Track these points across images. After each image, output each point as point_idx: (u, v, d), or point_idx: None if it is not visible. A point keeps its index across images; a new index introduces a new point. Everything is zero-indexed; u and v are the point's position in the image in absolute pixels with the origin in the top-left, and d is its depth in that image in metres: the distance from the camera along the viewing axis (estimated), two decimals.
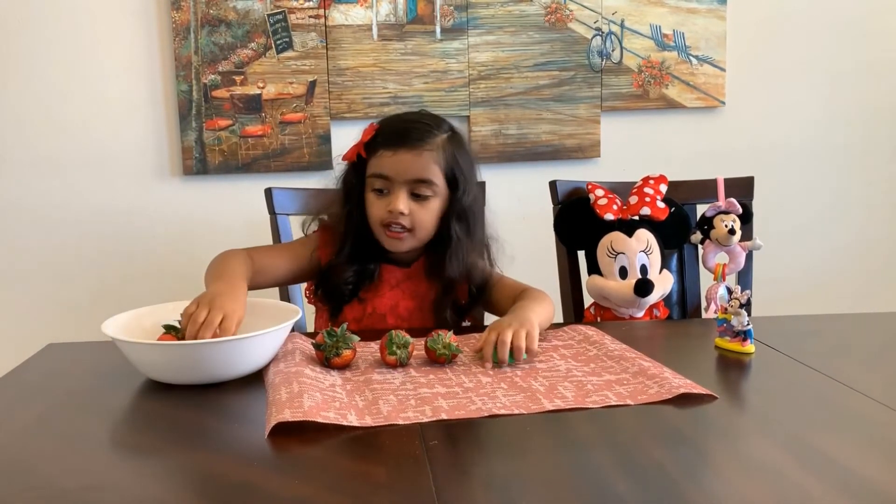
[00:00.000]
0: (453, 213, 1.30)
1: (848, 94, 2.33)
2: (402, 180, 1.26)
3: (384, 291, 1.33)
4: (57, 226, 2.07)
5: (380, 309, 1.32)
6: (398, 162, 1.25)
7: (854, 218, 2.37)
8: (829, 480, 0.71)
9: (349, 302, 1.32)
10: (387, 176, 1.26)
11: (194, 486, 0.74)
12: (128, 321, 1.09)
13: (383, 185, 1.27)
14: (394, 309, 1.33)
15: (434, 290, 1.34)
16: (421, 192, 1.27)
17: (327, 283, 1.32)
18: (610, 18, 2.19)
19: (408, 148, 1.26)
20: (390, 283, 1.33)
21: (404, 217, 1.26)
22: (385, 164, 1.26)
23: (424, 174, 1.26)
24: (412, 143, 1.26)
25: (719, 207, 1.56)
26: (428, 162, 1.26)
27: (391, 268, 1.34)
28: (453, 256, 1.30)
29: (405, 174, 1.26)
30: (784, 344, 1.15)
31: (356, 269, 1.31)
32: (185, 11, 2.02)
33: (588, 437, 0.83)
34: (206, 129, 2.06)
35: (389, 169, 1.26)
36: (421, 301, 1.34)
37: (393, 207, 1.25)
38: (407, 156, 1.25)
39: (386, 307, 1.32)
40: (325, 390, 0.95)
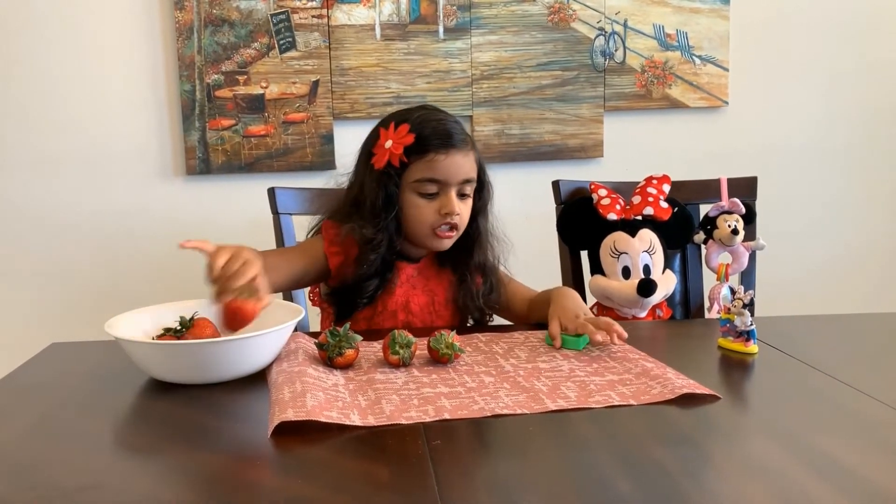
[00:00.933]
0: (481, 208, 1.34)
1: (851, 93, 2.32)
2: (456, 181, 1.27)
3: (392, 289, 1.32)
4: (60, 226, 2.07)
5: (391, 306, 1.32)
6: (452, 164, 1.26)
7: (857, 218, 2.37)
8: (833, 481, 0.70)
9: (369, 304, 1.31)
10: (440, 179, 1.26)
11: (197, 485, 0.74)
12: (131, 321, 1.09)
13: (436, 188, 1.27)
14: (405, 306, 1.32)
15: (444, 284, 1.35)
16: (466, 191, 1.29)
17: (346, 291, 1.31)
18: (613, 18, 2.19)
19: (458, 149, 1.27)
20: (399, 280, 1.33)
21: (457, 217, 1.27)
22: (438, 167, 1.25)
23: (472, 173, 1.29)
24: (460, 144, 1.27)
25: (722, 207, 1.56)
26: (472, 162, 1.29)
27: (402, 264, 1.34)
28: (480, 248, 1.34)
29: (457, 175, 1.27)
30: (787, 344, 1.15)
31: (379, 280, 1.30)
32: (188, 11, 2.02)
33: (591, 437, 0.83)
34: (209, 128, 2.06)
35: (443, 172, 1.26)
36: (432, 296, 1.34)
37: (450, 209, 1.26)
38: (458, 157, 1.26)
39: (398, 304, 1.32)
40: (328, 390, 0.95)
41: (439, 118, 1.31)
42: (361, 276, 1.28)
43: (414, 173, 1.27)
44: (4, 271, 2.07)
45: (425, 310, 1.33)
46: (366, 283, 1.29)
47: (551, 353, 1.11)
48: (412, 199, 1.27)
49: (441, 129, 1.27)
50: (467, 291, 1.33)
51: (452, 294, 1.35)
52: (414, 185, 1.27)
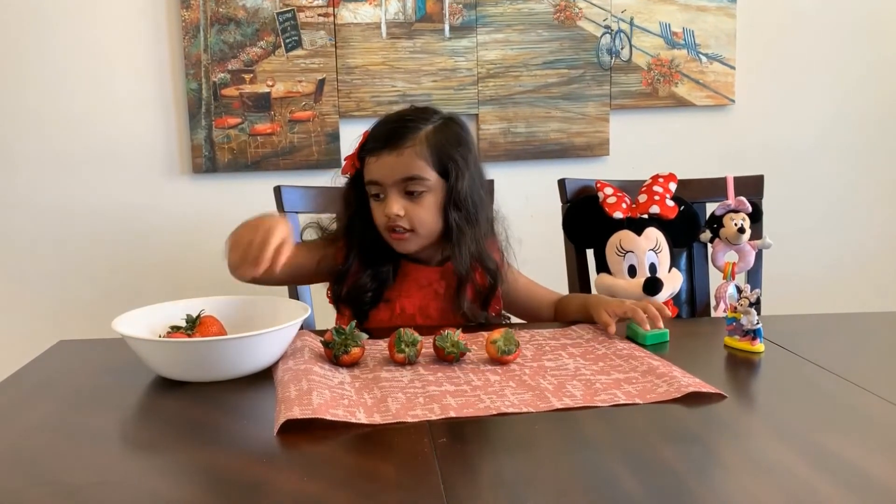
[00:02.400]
0: (450, 203, 1.28)
1: (858, 92, 2.31)
2: (391, 182, 1.26)
3: (412, 292, 1.32)
4: (67, 224, 2.08)
5: (408, 309, 1.31)
6: (382, 165, 1.26)
7: (864, 216, 2.36)
8: (839, 480, 0.70)
9: (374, 306, 1.31)
10: (377, 181, 1.27)
11: (204, 482, 0.75)
12: (138, 318, 1.09)
13: (378, 190, 1.28)
14: (423, 309, 1.32)
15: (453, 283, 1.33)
16: (413, 189, 1.26)
17: (345, 290, 1.32)
18: (619, 16, 2.18)
19: (389, 150, 1.26)
20: (419, 283, 1.32)
21: (401, 219, 1.26)
22: (372, 169, 1.28)
23: (410, 171, 1.26)
24: (392, 143, 1.26)
25: (729, 206, 1.56)
26: (411, 159, 1.26)
27: (420, 267, 1.33)
28: (458, 246, 1.28)
29: (392, 176, 1.26)
30: (794, 343, 1.15)
31: (370, 273, 1.30)
32: (194, 10, 2.02)
33: (597, 435, 0.83)
34: (215, 127, 2.07)
35: (377, 174, 1.27)
36: (451, 302, 1.33)
37: (388, 211, 1.26)
38: (389, 158, 1.26)
39: (415, 307, 1.31)
40: (334, 388, 0.95)
41: (389, 120, 1.32)
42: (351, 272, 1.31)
43: (364, 176, 1.29)
44: (12, 268, 2.08)
45: (444, 315, 1.32)
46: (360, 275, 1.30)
47: (557, 352, 1.11)
48: (370, 201, 1.30)
49: (378, 132, 1.29)
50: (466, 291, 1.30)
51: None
52: (367, 188, 1.30)
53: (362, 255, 1.31)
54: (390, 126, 1.29)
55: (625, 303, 1.22)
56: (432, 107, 1.35)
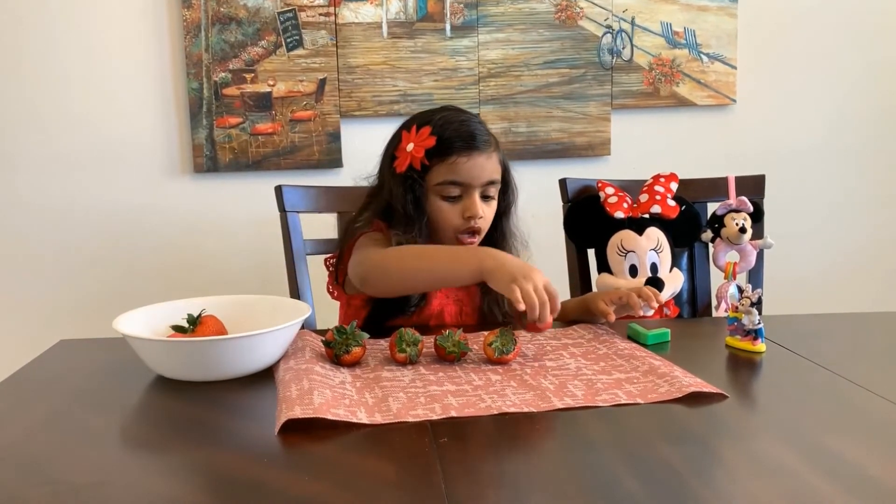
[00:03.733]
0: (505, 209, 1.31)
1: (859, 92, 2.31)
2: (479, 184, 1.25)
3: (432, 299, 1.30)
4: (67, 223, 2.08)
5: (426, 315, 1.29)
6: (474, 167, 1.24)
7: (866, 216, 2.36)
8: (841, 480, 0.70)
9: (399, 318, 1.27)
10: (462, 182, 1.24)
11: (205, 482, 0.75)
12: (139, 318, 1.09)
13: (459, 191, 1.25)
14: (439, 314, 1.30)
15: (471, 292, 1.32)
16: (490, 193, 1.27)
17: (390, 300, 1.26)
18: (620, 16, 2.18)
19: (480, 151, 1.25)
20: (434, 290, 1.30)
21: (480, 220, 1.26)
22: (461, 170, 1.24)
23: (495, 175, 1.27)
24: (483, 146, 1.25)
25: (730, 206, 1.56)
26: (496, 163, 1.27)
27: None
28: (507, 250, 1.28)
29: (480, 178, 1.25)
30: (795, 343, 1.15)
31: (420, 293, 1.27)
32: (195, 9, 2.02)
33: (598, 435, 0.82)
34: (216, 126, 2.07)
35: (466, 175, 1.24)
36: (460, 305, 1.32)
37: (473, 212, 1.24)
38: (481, 159, 1.24)
39: (432, 313, 1.29)
40: (335, 387, 0.95)
41: (462, 119, 1.28)
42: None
43: (436, 176, 1.25)
44: (13, 268, 2.08)
45: (455, 319, 1.31)
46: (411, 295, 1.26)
47: (558, 352, 1.11)
48: (435, 202, 1.26)
49: (463, 131, 1.25)
50: (492, 296, 1.30)
51: (478, 301, 1.33)
52: (437, 189, 1.25)
53: None
54: (474, 128, 1.26)
55: (619, 290, 1.23)
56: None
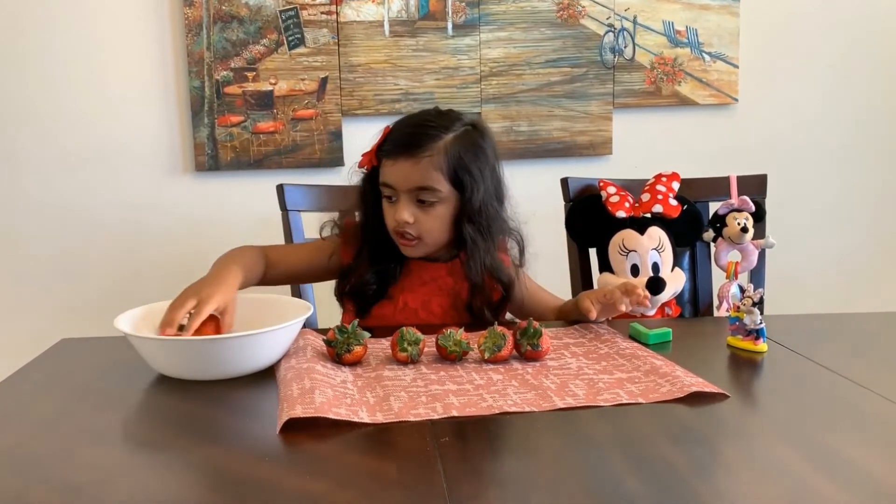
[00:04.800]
0: (464, 216, 1.26)
1: (861, 91, 2.31)
2: (405, 189, 1.25)
3: (415, 287, 1.31)
4: (69, 222, 2.08)
5: (411, 304, 1.31)
6: (398, 171, 1.24)
7: (868, 216, 2.36)
8: (842, 480, 0.70)
9: (376, 302, 1.31)
10: (391, 185, 1.26)
11: (206, 481, 0.75)
12: (140, 317, 1.09)
13: (390, 192, 1.27)
14: (426, 305, 1.31)
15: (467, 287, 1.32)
16: (425, 198, 1.25)
17: (350, 284, 1.32)
18: (622, 15, 2.18)
19: (406, 156, 1.23)
20: (423, 279, 1.32)
21: (410, 226, 1.25)
22: (388, 173, 1.26)
23: (425, 182, 1.24)
24: (411, 150, 1.24)
25: (732, 205, 1.56)
26: (427, 169, 1.23)
27: (424, 263, 1.32)
28: (470, 259, 1.28)
29: (406, 183, 1.24)
30: (797, 343, 1.15)
31: (377, 269, 1.30)
32: (197, 8, 2.02)
33: (599, 435, 0.82)
34: (217, 125, 2.07)
35: (392, 178, 1.25)
36: (455, 298, 1.32)
37: (398, 217, 1.25)
38: (406, 165, 1.23)
39: (418, 303, 1.31)
40: (337, 386, 0.95)
41: (411, 123, 1.29)
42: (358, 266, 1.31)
43: (380, 176, 1.28)
44: (15, 266, 2.08)
45: (447, 312, 1.31)
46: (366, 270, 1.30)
47: (559, 351, 1.11)
48: (383, 201, 1.29)
49: (399, 134, 1.27)
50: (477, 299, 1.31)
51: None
52: (381, 188, 1.28)
53: (371, 251, 1.31)
54: (410, 131, 1.27)
55: (605, 287, 1.24)
56: (455, 112, 1.32)
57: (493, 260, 1.30)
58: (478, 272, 1.28)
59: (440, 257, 1.33)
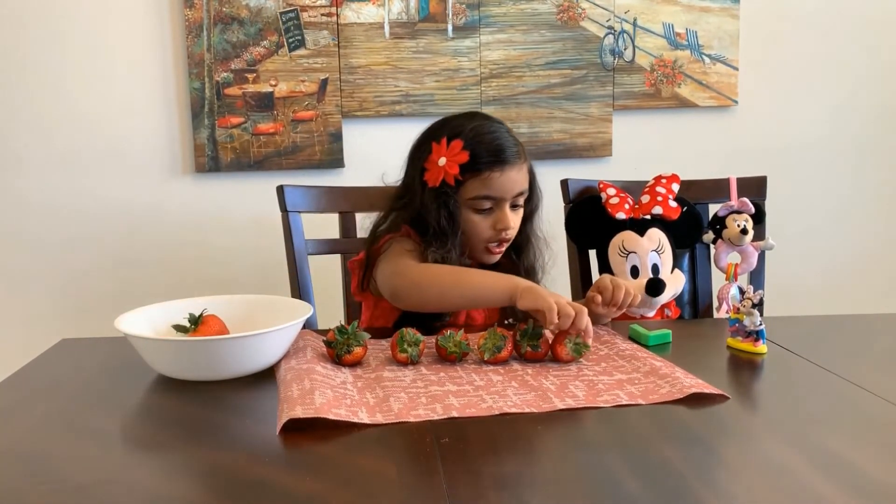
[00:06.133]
0: (530, 214, 1.33)
1: (861, 92, 2.31)
2: (510, 197, 1.26)
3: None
4: (70, 223, 2.08)
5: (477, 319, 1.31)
6: (507, 181, 1.25)
7: (867, 218, 2.36)
8: (842, 482, 0.70)
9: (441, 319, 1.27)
10: (496, 195, 1.25)
11: (206, 481, 0.75)
12: (140, 317, 1.09)
13: (491, 204, 1.26)
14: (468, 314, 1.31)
15: None
16: (519, 202, 1.29)
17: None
18: (622, 17, 2.18)
19: (512, 165, 1.25)
20: None
21: (511, 230, 1.27)
22: (494, 185, 1.24)
23: (525, 185, 1.28)
24: (514, 158, 1.25)
25: (732, 207, 1.56)
26: (525, 174, 1.28)
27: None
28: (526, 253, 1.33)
29: (511, 191, 1.26)
30: (797, 344, 1.15)
31: None
32: (197, 9, 2.03)
33: (599, 436, 0.82)
34: (218, 126, 2.07)
35: (499, 189, 1.25)
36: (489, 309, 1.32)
37: (505, 225, 1.26)
38: (512, 172, 1.25)
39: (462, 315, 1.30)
40: (337, 387, 0.95)
41: (492, 131, 1.27)
42: None
43: (469, 190, 1.25)
44: (15, 267, 2.08)
45: (481, 315, 1.32)
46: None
47: None
48: (467, 214, 1.27)
49: (495, 146, 1.25)
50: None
51: None
52: (469, 202, 1.26)
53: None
54: (504, 139, 1.27)
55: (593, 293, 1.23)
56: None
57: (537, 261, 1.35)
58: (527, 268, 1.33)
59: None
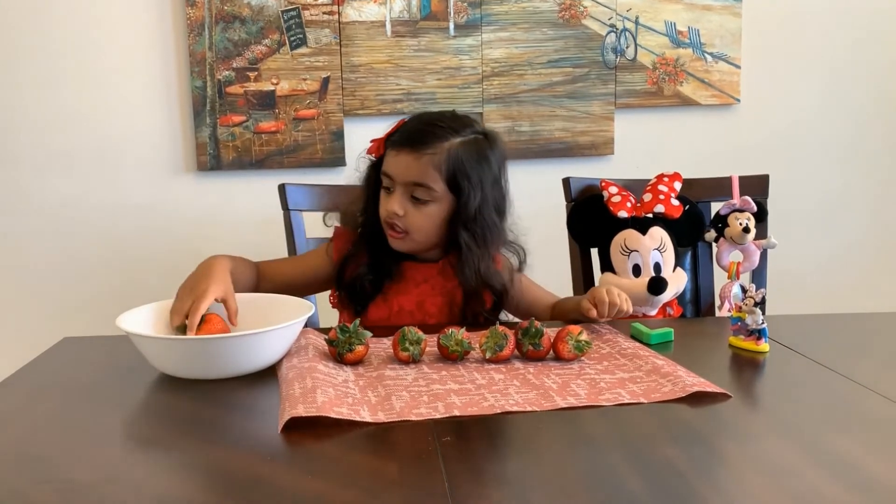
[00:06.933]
0: (459, 221, 1.27)
1: (864, 91, 2.31)
2: (401, 181, 1.26)
3: (410, 288, 1.32)
4: (72, 221, 2.08)
5: (406, 306, 1.31)
6: (399, 163, 1.26)
7: (870, 217, 2.35)
8: (844, 480, 0.70)
9: (372, 299, 1.31)
10: (390, 175, 1.27)
11: (208, 479, 0.75)
12: (142, 316, 1.09)
13: (388, 183, 1.28)
14: (420, 305, 1.32)
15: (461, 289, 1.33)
16: (418, 195, 1.26)
17: (344, 278, 1.33)
18: (624, 15, 2.18)
19: (409, 150, 1.25)
20: (416, 280, 1.32)
21: (399, 218, 1.26)
22: (390, 163, 1.27)
23: (421, 178, 1.25)
24: (415, 145, 1.25)
25: (734, 205, 1.56)
26: (426, 167, 1.24)
27: (415, 264, 1.33)
28: (465, 265, 1.28)
29: (403, 175, 1.26)
30: (799, 343, 1.15)
31: (371, 262, 1.31)
32: (199, 8, 2.02)
33: (601, 434, 0.82)
34: (219, 125, 2.07)
35: (392, 169, 1.27)
36: (450, 297, 1.32)
37: (389, 208, 1.26)
38: (407, 158, 1.25)
39: (412, 304, 1.31)
40: (338, 386, 0.95)
41: (424, 119, 1.31)
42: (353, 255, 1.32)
43: (382, 165, 1.29)
44: (17, 266, 2.08)
45: (442, 311, 1.32)
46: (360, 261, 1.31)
47: None
48: (381, 191, 1.30)
49: (410, 128, 1.28)
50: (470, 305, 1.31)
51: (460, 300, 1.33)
52: (381, 177, 1.30)
53: (367, 240, 1.32)
54: (420, 127, 1.29)
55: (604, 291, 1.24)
56: (472, 119, 1.33)
57: (486, 268, 1.29)
58: (471, 277, 1.28)
59: (430, 258, 1.34)
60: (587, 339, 1.06)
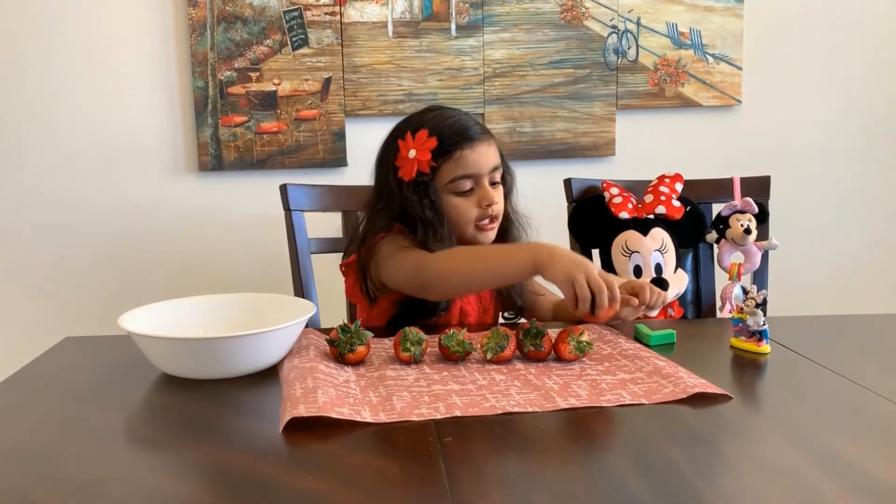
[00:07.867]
0: (508, 192, 1.34)
1: (865, 92, 2.31)
2: (487, 171, 1.27)
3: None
4: (72, 221, 2.08)
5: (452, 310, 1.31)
6: (480, 156, 1.26)
7: (871, 217, 2.35)
8: (845, 482, 0.70)
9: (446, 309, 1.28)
10: (473, 173, 1.26)
11: (209, 479, 0.75)
12: (144, 315, 1.09)
13: (471, 183, 1.27)
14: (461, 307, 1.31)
15: None
16: (497, 178, 1.29)
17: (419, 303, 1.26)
18: (626, 16, 2.18)
19: (480, 140, 1.27)
20: None
21: (497, 205, 1.28)
22: (468, 162, 1.26)
23: (498, 160, 1.29)
24: (481, 135, 1.27)
25: (735, 206, 1.56)
26: (496, 149, 1.30)
27: None
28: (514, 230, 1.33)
29: (487, 165, 1.27)
30: (800, 344, 1.15)
31: None
32: (201, 8, 2.03)
33: (602, 435, 0.82)
34: (221, 125, 2.07)
35: (473, 165, 1.26)
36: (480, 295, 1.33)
37: (490, 199, 1.26)
38: (483, 147, 1.27)
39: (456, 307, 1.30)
40: (340, 386, 0.95)
41: (453, 115, 1.30)
42: None
43: (445, 175, 1.26)
44: (18, 265, 2.09)
45: (476, 308, 1.32)
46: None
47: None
48: (449, 200, 1.27)
49: (460, 125, 1.28)
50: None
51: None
52: (449, 187, 1.27)
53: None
54: (466, 119, 1.29)
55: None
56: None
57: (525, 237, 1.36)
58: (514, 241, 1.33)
59: None
60: (588, 339, 1.06)
